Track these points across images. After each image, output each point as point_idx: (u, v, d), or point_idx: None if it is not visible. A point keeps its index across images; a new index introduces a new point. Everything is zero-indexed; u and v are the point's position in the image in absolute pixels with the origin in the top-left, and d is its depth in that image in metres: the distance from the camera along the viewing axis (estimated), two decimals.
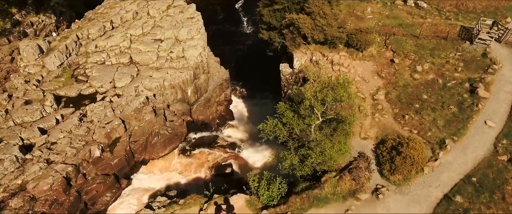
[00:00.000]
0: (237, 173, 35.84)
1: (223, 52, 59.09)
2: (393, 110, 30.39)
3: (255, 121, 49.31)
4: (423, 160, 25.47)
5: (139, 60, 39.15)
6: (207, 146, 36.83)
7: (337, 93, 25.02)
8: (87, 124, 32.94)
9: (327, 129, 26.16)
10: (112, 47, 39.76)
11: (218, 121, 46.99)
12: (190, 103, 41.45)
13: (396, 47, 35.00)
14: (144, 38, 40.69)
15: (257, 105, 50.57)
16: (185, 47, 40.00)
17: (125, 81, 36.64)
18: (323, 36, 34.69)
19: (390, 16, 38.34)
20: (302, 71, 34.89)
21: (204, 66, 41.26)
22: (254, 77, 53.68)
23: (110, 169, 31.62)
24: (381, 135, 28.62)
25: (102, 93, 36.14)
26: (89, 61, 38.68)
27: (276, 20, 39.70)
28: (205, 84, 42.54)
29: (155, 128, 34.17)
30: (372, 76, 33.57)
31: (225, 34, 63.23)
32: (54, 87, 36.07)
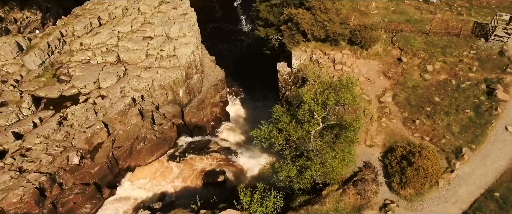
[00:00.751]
0: (231, 181, 32.38)
1: (220, 51, 55.74)
2: (402, 113, 26.83)
3: (253, 123, 45.84)
4: (438, 171, 21.93)
5: (127, 59, 35.73)
6: (198, 151, 33.35)
7: (340, 96, 21.53)
8: (66, 128, 29.55)
9: (329, 136, 22.65)
10: (98, 45, 36.34)
11: (213, 123, 43.59)
12: (182, 105, 38.01)
13: (403, 44, 31.41)
14: (132, 36, 37.25)
15: (256, 107, 47.13)
16: (176, 45, 36.54)
17: (111, 82, 33.23)
18: (324, 33, 31.17)
19: (397, 12, 34.73)
20: (301, 71, 31.39)
21: (197, 66, 37.82)
22: (253, 78, 50.30)
23: (90, 178, 28.22)
24: (389, 142, 25.07)
25: (85, 95, 32.73)
26: (73, 60, 35.27)
27: (273, 16, 36.18)
28: (199, 85, 39.09)
29: (141, 132, 30.73)
30: (378, 76, 30.01)
31: (222, 32, 59.86)
32: (33, 87, 32.68)
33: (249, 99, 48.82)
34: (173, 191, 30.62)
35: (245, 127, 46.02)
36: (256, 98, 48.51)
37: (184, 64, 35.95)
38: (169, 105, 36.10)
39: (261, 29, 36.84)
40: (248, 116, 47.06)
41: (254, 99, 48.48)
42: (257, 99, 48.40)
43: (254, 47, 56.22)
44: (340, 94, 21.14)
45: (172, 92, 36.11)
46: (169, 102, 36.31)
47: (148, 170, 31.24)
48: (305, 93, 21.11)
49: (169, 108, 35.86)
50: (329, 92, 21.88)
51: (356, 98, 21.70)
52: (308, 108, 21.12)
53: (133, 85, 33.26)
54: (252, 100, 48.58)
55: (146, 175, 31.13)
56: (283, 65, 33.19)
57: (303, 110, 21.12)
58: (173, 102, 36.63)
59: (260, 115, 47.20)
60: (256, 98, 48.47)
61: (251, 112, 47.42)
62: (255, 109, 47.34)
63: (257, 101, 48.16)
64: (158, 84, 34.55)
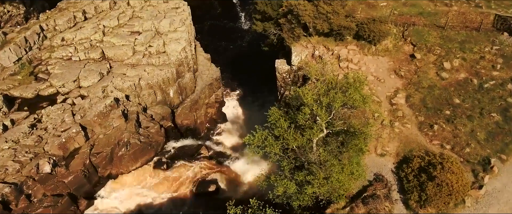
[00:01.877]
0: (224, 190, 28.45)
1: (217, 49, 51.89)
2: (417, 117, 22.78)
3: (251, 125, 41.68)
4: (464, 187, 17.88)
5: (112, 56, 31.86)
6: (189, 157, 29.37)
7: (348, 97, 17.54)
8: (39, 132, 25.71)
9: (334, 144, 18.64)
10: (81, 41, 32.49)
11: (208, 125, 39.67)
12: (173, 106, 34.10)
13: (416, 39, 27.35)
14: (119, 31, 33.39)
15: (255, 108, 43.19)
16: (166, 41, 32.64)
17: (92, 80, 29.37)
18: (328, 26, 27.14)
19: (408, 4, 30.64)
20: (302, 69, 27.38)
21: (190, 63, 33.89)
22: (252, 77, 46.35)
23: (64, 188, 24.37)
24: (403, 151, 21.05)
25: (64, 94, 28.90)
26: (54, 56, 31.44)
27: (272, 9, 32.17)
28: (192, 84, 35.17)
29: (124, 136, 26.82)
30: (389, 74, 25.97)
31: (220, 30, 55.95)
32: (7, 86, 28.87)
33: (248, 100, 44.89)
34: (159, 202, 26.72)
35: (242, 129, 42.08)
36: (256, 98, 44.60)
37: (174, 62, 32.06)
38: (158, 107, 32.21)
39: (258, 23, 32.85)
40: (246, 117, 43.13)
41: (253, 100, 44.57)
42: (256, 99, 44.51)
43: (253, 45, 52.32)
44: (347, 95, 17.14)
45: (162, 92, 32.23)
46: (158, 103, 32.43)
47: (131, 178, 27.35)
48: (306, 94, 17.14)
49: (158, 109, 31.97)
50: (335, 92, 17.91)
51: (367, 100, 17.67)
52: (310, 111, 17.15)
53: (117, 84, 29.40)
54: (251, 100, 44.67)
55: (129, 184, 27.25)
56: (282, 62, 29.18)
57: (304, 113, 17.15)
58: (162, 103, 32.74)
59: (260, 117, 42.89)
60: (255, 99, 44.56)
61: (249, 113, 43.50)
62: (254, 110, 43.41)
63: (256, 102, 44.26)
64: (145, 84, 30.69)
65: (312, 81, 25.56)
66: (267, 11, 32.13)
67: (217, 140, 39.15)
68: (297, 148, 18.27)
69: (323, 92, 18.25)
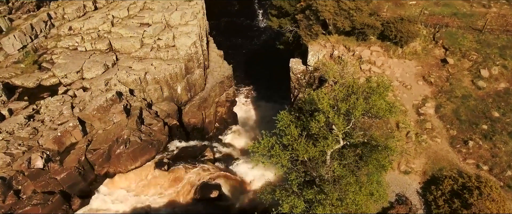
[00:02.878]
0: (227, 197, 25.82)
1: (232, 46, 49.43)
2: (449, 131, 19.47)
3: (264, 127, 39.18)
4: None
5: (119, 48, 29.76)
6: (192, 159, 26.84)
7: (371, 104, 14.55)
8: (36, 124, 23.75)
9: (351, 158, 15.68)
10: (88, 30, 30.51)
11: (218, 124, 37.22)
12: (181, 103, 31.76)
13: (449, 43, 23.92)
14: (128, 22, 31.24)
15: (269, 109, 40.45)
16: (176, 34, 30.26)
17: (96, 72, 27.30)
18: (350, 24, 24.05)
19: (440, 3, 27.14)
20: (319, 70, 24.41)
21: (200, 59, 31.41)
22: (267, 76, 43.64)
23: (56, 186, 22.30)
24: (431, 169, 17.85)
25: (67, 86, 26.97)
26: (60, 45, 29.58)
27: (289, 4, 29.26)
28: (201, 81, 32.71)
29: (124, 133, 24.56)
30: (416, 80, 22.68)
31: (237, 27, 53.47)
32: (9, 74, 27.16)
33: (261, 100, 42.20)
34: (157, 206, 24.34)
35: (253, 131, 39.43)
36: (270, 99, 41.84)
37: (183, 57, 29.66)
38: (164, 103, 29.89)
39: (274, 19, 30.00)
40: (259, 119, 40.45)
41: (268, 101, 41.84)
42: (271, 100, 41.75)
43: (269, 43, 49.56)
44: (371, 102, 14.16)
45: (169, 88, 29.89)
46: (164, 100, 30.12)
47: (130, 178, 25.08)
48: (321, 98, 14.26)
49: (164, 105, 29.66)
50: (356, 98, 14.94)
51: (394, 109, 14.61)
52: (325, 119, 14.26)
53: (122, 77, 27.20)
54: (265, 101, 41.96)
55: (127, 184, 24.99)
56: (297, 62, 26.23)
57: (318, 121, 14.27)
58: (169, 100, 30.42)
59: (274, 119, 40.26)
60: (270, 100, 41.82)
61: (262, 114, 40.80)
62: (268, 111, 40.63)
63: (270, 103, 41.52)
64: (151, 78, 28.42)
65: (330, 84, 22.57)
66: (284, 6, 29.26)
67: (226, 141, 36.67)
68: (308, 160, 15.41)
69: (341, 98, 15.34)
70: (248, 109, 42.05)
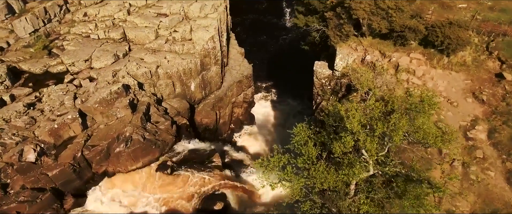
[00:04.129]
0: (233, 210, 22.64)
1: (256, 44, 46.17)
2: (505, 162, 15.33)
3: (282, 132, 35.85)
4: None
5: (133, 38, 27.19)
6: (198, 164, 23.83)
7: (416, 127, 10.84)
8: (34, 113, 21.51)
9: (382, 192, 12.02)
10: (103, 18, 28.15)
11: (233, 125, 34.18)
12: (194, 101, 28.91)
13: (506, 55, 19.56)
14: (145, 11, 28.62)
15: (289, 113, 37.07)
16: (193, 27, 27.32)
17: (105, 62, 24.84)
18: (387, 26, 20.18)
19: (496, 8, 22.65)
20: (347, 76, 20.69)
21: (217, 55, 28.35)
22: (290, 78, 40.10)
23: (47, 182, 19.93)
24: (482, 210, 13.85)
25: (74, 74, 24.68)
26: (73, 31, 27.37)
27: (318, 1, 25.63)
28: (218, 79, 29.67)
29: (126, 130, 21.89)
30: (464, 97, 18.53)
31: (262, 25, 50.14)
32: (17, 58, 25.17)
33: (282, 104, 38.73)
34: (154, 212, 21.54)
35: (270, 135, 36.11)
36: (292, 103, 38.39)
37: (200, 52, 26.72)
38: (176, 100, 27.10)
39: (301, 17, 26.43)
40: (278, 122, 37.05)
41: (289, 105, 38.39)
42: (292, 104, 38.31)
43: (295, 44, 45.89)
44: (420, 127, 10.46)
45: (181, 84, 27.09)
46: (176, 96, 27.35)
47: (129, 179, 22.42)
48: (351, 115, 10.71)
49: (175, 102, 26.86)
50: (398, 117, 11.25)
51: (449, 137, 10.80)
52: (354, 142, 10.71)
53: (131, 69, 24.60)
54: (285, 105, 38.50)
55: (127, 185, 22.36)
56: (323, 65, 22.55)
57: (345, 144, 10.74)
58: (181, 97, 27.62)
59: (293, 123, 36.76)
60: (291, 104, 38.36)
61: (282, 117, 37.39)
62: (288, 115, 37.22)
63: (291, 107, 38.08)
64: (163, 72, 25.70)
65: (359, 94, 18.84)
66: (312, 3, 25.62)
67: (239, 143, 33.57)
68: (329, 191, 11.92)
69: (378, 115, 11.72)
70: (266, 111, 38.68)
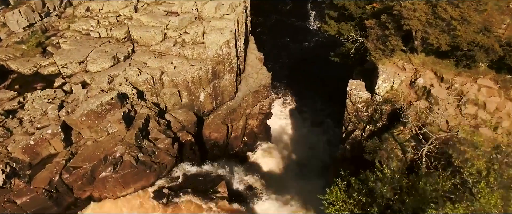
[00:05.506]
0: None
1: (277, 48, 41.48)
2: None
3: (301, 149, 31.14)
4: None
5: (138, 38, 23.06)
6: (200, 193, 19.36)
7: None
8: (12, 123, 17.71)
9: None
10: (107, 14, 24.14)
11: (246, 138, 29.74)
12: (203, 112, 24.61)
13: None
14: (154, 8, 24.39)
15: (310, 128, 32.32)
16: (207, 29, 22.89)
17: (102, 65, 20.81)
18: (449, 41, 15.06)
19: None
20: (392, 102, 15.66)
21: (232, 62, 23.85)
22: (314, 89, 35.39)
23: (16, 210, 16.05)
24: None
25: (66, 77, 20.81)
26: (72, 28, 23.53)
27: (355, 5, 20.58)
28: (231, 89, 25.21)
29: (116, 150, 17.76)
30: None
31: (286, 27, 45.32)
32: (6, 56, 21.55)
33: (303, 117, 33.95)
34: None
35: (288, 150, 31.48)
36: (313, 118, 33.62)
37: (212, 57, 22.31)
38: (181, 112, 22.83)
39: (332, 23, 21.45)
40: (297, 138, 32.33)
41: (309, 119, 33.64)
42: (314, 119, 33.55)
43: (319, 50, 40.94)
44: None
45: (189, 94, 22.80)
46: (182, 107, 23.09)
47: (120, 206, 18.31)
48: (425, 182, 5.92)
49: (180, 115, 22.59)
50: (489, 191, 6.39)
51: None
52: None
53: (130, 75, 20.45)
54: (306, 119, 33.75)
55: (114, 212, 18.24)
56: (359, 86, 17.53)
57: None
58: (188, 107, 23.35)
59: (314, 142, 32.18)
60: (312, 118, 33.60)
61: (301, 133, 32.66)
62: (309, 130, 32.47)
63: (312, 121, 33.32)
64: (169, 80, 21.47)
65: (409, 130, 13.84)
66: (348, 6, 20.59)
67: (252, 160, 29.12)
68: None
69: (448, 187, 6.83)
70: (284, 124, 33.98)
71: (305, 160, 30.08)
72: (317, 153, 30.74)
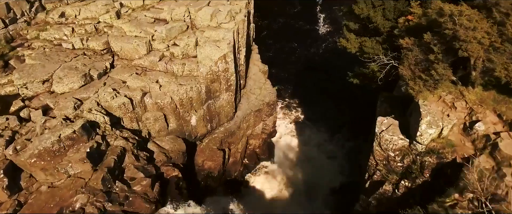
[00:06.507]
0: None
1: (283, 52, 37.00)
2: None
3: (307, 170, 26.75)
4: None
5: (118, 51, 18.64)
6: None
7: None
8: None
9: None
10: (85, 20, 19.71)
11: (247, 160, 25.36)
12: (195, 137, 20.21)
13: None
14: (140, 14, 19.89)
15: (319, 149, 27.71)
16: (200, 41, 18.36)
17: (70, 85, 16.43)
18: None
19: None
20: (440, 155, 11.02)
21: (230, 80, 19.32)
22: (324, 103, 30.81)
23: None
24: None
25: (26, 99, 16.50)
26: (43, 37, 19.18)
27: (382, 16, 15.78)
28: (229, 109, 20.71)
29: (76, 199, 13.46)
30: None
31: (293, 30, 40.62)
32: None
33: (310, 131, 29.34)
34: None
35: (293, 172, 27.02)
36: (322, 131, 29.06)
37: (206, 75, 17.82)
38: (168, 139, 18.44)
39: (352, 37, 16.69)
40: (303, 156, 27.75)
41: (319, 133, 29.09)
42: (323, 133, 29.03)
43: (329, 57, 36.36)
44: None
45: (177, 118, 18.40)
46: (169, 133, 18.70)
47: None
48: None
49: (167, 142, 18.21)
50: None
51: None
52: None
53: (104, 98, 16.06)
54: (314, 133, 29.17)
55: None
56: (392, 127, 12.70)
57: None
58: (176, 133, 18.97)
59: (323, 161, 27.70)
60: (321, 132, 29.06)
61: (309, 149, 28.12)
62: (317, 151, 27.84)
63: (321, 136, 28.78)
64: (152, 103, 17.09)
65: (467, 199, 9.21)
66: (373, 18, 15.80)
67: (252, 184, 24.88)
68: None
69: None
70: (289, 140, 29.39)
71: (312, 183, 25.77)
72: (326, 175, 26.40)
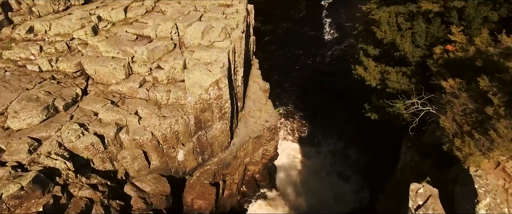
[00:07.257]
0: None
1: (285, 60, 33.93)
2: None
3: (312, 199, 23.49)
4: None
5: (93, 74, 15.41)
6: None
7: None
8: None
9: None
10: (56, 38, 16.47)
11: (245, 188, 22.28)
12: (183, 172, 17.03)
13: None
14: (120, 30, 16.57)
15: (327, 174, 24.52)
16: (189, 63, 15.03)
17: (28, 120, 13.24)
18: None
19: None
20: None
21: (224, 107, 16.01)
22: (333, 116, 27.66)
23: None
24: None
25: None
26: (6, 56, 16.00)
27: (409, 43, 12.22)
28: (224, 138, 17.45)
29: None
30: None
31: (297, 36, 37.39)
32: None
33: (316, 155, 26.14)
34: None
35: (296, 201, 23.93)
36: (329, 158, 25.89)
37: (194, 105, 14.55)
38: (150, 179, 15.27)
39: (371, 65, 13.21)
40: (308, 180, 24.62)
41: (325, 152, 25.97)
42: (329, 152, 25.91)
43: (335, 66, 33.12)
44: None
45: (160, 156, 15.18)
46: (151, 172, 15.51)
47: None
48: None
49: (148, 184, 15.04)
50: None
51: None
52: None
53: (67, 138, 12.86)
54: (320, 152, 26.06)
55: None
56: (431, 201, 9.17)
57: None
58: (161, 170, 15.78)
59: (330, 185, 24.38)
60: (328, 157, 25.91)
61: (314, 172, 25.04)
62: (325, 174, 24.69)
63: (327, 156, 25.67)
64: (129, 140, 13.89)
65: None
66: (400, 45, 12.27)
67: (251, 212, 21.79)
68: None
69: None
70: (291, 163, 26.24)
71: (318, 210, 22.67)
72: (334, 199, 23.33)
